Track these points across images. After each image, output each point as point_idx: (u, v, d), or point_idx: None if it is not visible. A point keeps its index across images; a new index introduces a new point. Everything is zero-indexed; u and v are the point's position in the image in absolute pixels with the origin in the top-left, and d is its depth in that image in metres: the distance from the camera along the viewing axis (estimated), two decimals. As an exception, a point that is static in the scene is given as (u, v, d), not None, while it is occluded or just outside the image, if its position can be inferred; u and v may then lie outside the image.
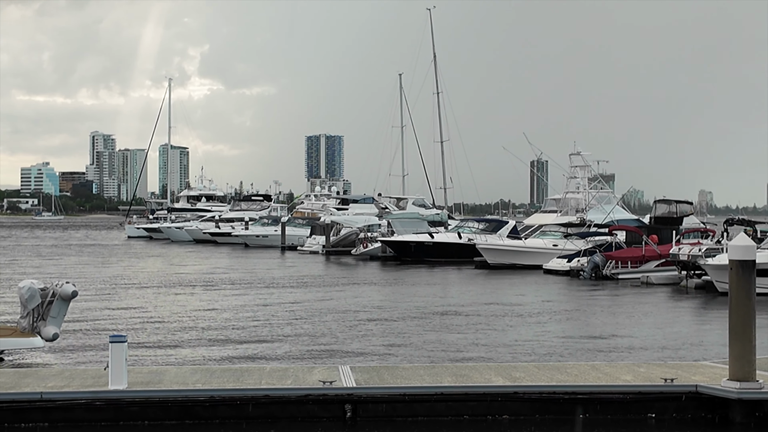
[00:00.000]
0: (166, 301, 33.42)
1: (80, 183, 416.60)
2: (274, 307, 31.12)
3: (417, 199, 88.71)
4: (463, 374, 14.53)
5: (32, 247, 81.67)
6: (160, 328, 25.50)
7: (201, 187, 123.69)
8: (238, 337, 23.68)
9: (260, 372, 14.59)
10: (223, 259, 62.93)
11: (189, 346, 22.17)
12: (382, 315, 28.95)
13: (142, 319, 27.58)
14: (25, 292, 18.50)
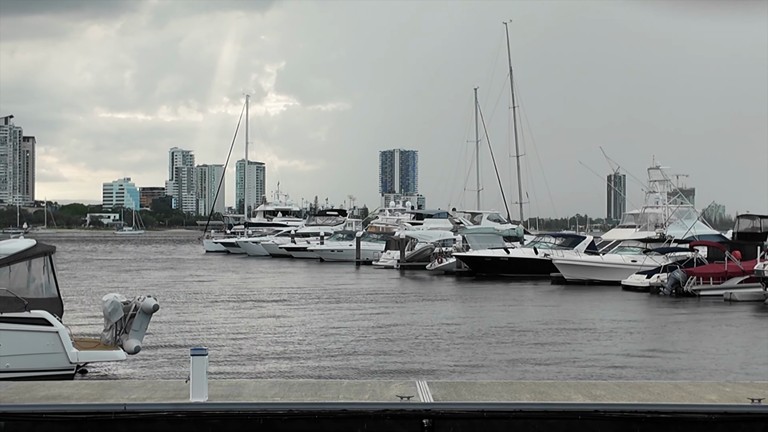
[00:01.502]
0: (244, 314, 33.83)
1: (160, 198, 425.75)
2: (350, 322, 31.22)
3: (492, 213, 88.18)
4: (542, 391, 14.33)
5: (114, 261, 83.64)
6: (239, 341, 25.81)
7: (277, 202, 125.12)
8: (315, 351, 23.81)
9: (338, 386, 14.62)
10: (298, 274, 63.49)
11: (267, 360, 22.39)
12: (458, 331, 28.79)
13: (220, 332, 27.97)
14: (108, 305, 18.91)
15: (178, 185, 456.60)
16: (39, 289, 18.86)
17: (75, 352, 18.01)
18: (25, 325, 17.66)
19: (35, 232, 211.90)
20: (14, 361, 17.44)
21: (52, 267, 19.23)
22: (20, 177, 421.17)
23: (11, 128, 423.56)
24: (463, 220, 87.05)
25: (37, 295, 18.64)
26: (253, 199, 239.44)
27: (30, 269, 18.80)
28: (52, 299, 18.86)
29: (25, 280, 18.67)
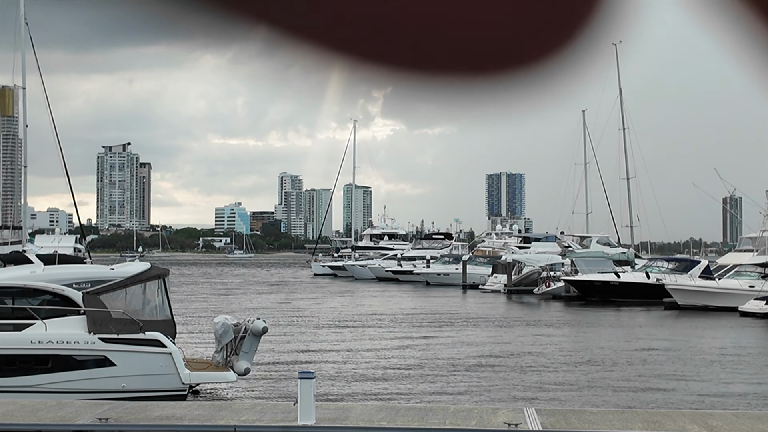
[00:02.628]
0: (351, 337, 34.02)
1: (269, 222, 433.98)
2: (457, 346, 31.00)
3: (601, 237, 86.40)
4: (655, 420, 13.88)
5: (225, 284, 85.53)
6: (346, 364, 25.94)
7: (383, 225, 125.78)
8: (421, 375, 23.72)
9: (444, 412, 14.50)
10: (404, 297, 63.54)
11: (373, 383, 22.41)
12: (568, 356, 28.24)
13: (328, 355, 28.18)
14: (219, 327, 19.30)
15: (287, 209, 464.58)
16: (153, 311, 19.40)
17: (187, 373, 18.41)
18: (140, 347, 18.17)
19: (151, 256, 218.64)
20: (130, 381, 17.95)
21: (166, 289, 19.76)
22: (137, 202, 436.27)
23: (129, 155, 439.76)
24: (572, 244, 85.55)
25: (152, 316, 19.17)
26: (359, 222, 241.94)
27: (145, 291, 19.36)
28: (165, 321, 19.37)
29: (140, 302, 19.23)
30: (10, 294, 18.68)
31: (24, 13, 44.81)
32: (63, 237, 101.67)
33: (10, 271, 21.38)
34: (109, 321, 18.19)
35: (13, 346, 17.57)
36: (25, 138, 47.07)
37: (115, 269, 20.10)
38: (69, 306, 18.28)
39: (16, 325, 17.93)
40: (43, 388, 17.41)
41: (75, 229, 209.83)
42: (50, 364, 17.68)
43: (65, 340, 17.76)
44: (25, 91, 45.72)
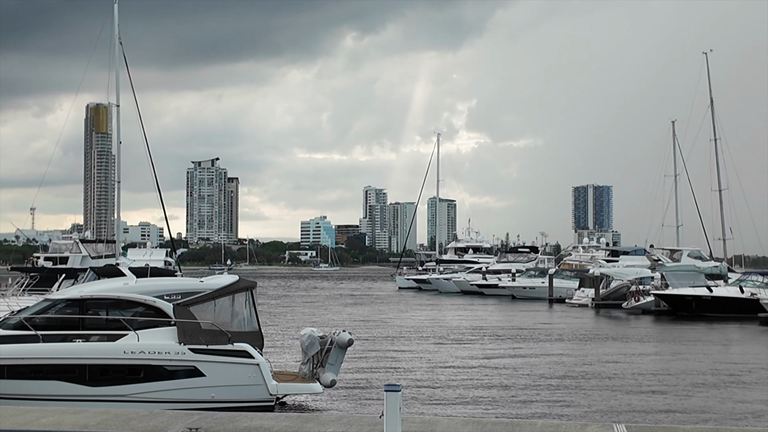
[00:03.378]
0: (435, 351, 33.90)
1: (354, 235, 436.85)
2: (543, 360, 30.60)
3: (693, 250, 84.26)
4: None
5: (310, 297, 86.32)
6: (432, 377, 25.85)
7: (468, 239, 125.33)
8: (508, 389, 23.47)
9: (531, 427, 14.29)
10: (490, 311, 63.07)
11: (459, 397, 22.27)
12: (657, 373, 27.59)
13: (413, 368, 28.12)
14: (305, 339, 19.48)
15: (371, 223, 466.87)
16: (241, 323, 19.68)
17: (275, 384, 18.61)
18: (229, 357, 18.45)
19: (238, 269, 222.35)
20: (218, 391, 18.24)
21: (253, 301, 20.04)
22: (225, 216, 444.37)
23: (217, 170, 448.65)
24: (662, 257, 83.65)
25: (240, 328, 19.45)
26: (444, 236, 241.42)
27: (233, 303, 19.67)
28: (253, 333, 19.63)
29: (228, 314, 19.54)
30: (104, 305, 19.20)
31: (118, 33, 46.17)
32: (154, 250, 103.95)
33: (104, 283, 22.02)
34: (199, 332, 18.53)
35: (107, 356, 18.04)
36: (118, 154, 48.36)
37: (205, 282, 20.46)
38: (160, 317, 18.69)
39: (110, 336, 18.41)
40: (135, 397, 17.82)
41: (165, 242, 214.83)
42: (142, 374, 18.09)
43: (157, 350, 18.15)
44: (119, 108, 47.04)
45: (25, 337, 18.18)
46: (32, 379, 17.78)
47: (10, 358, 17.77)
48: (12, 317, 19.31)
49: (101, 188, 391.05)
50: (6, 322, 19.00)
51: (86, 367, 17.94)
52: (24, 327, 18.42)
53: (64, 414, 14.48)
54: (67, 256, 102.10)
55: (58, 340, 18.25)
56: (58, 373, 17.86)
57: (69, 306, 19.12)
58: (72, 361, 17.94)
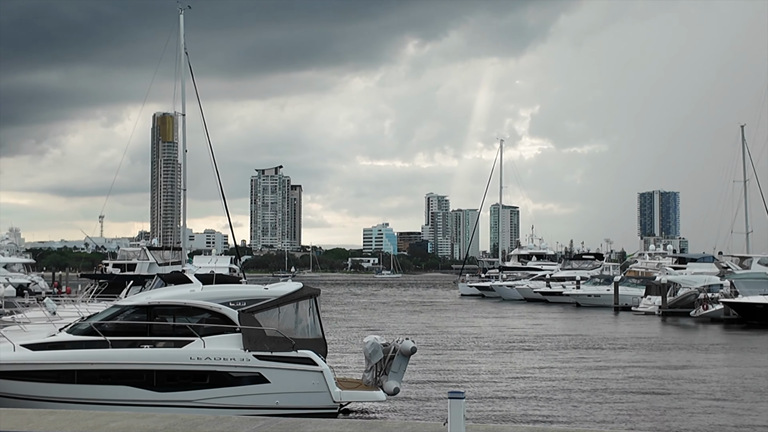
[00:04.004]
0: (499, 359, 33.67)
1: (416, 242, 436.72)
2: (609, 369, 30.16)
3: (763, 258, 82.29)
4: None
5: (373, 304, 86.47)
6: (495, 385, 25.68)
7: (531, 246, 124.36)
8: (571, 398, 23.19)
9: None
10: (554, 319, 62.41)
11: (523, 405, 22.07)
12: (727, 383, 26.98)
13: (476, 375, 27.98)
14: (368, 347, 19.51)
15: (433, 230, 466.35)
16: (305, 330, 19.80)
17: (338, 391, 18.69)
18: (293, 364, 18.58)
19: (301, 276, 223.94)
20: (283, 398, 18.37)
21: (317, 309, 20.16)
22: (288, 223, 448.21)
23: (281, 178, 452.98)
24: (731, 265, 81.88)
25: (304, 335, 19.57)
26: (507, 243, 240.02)
27: (297, 311, 19.81)
28: (317, 340, 19.73)
29: (292, 321, 19.68)
30: (171, 312, 19.50)
31: (184, 44, 46.98)
32: (219, 257, 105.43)
33: (171, 290, 22.35)
34: (264, 339, 18.69)
35: (174, 362, 18.31)
36: (184, 163, 49.14)
37: (269, 289, 20.64)
38: (225, 324, 18.90)
39: (176, 342, 18.67)
40: (201, 402, 18.05)
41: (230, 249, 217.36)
42: (208, 380, 18.31)
43: (222, 357, 18.36)
44: (185, 118, 47.82)
45: (95, 343, 18.55)
46: (102, 383, 18.13)
47: (81, 363, 18.15)
48: (82, 323, 19.72)
49: (167, 196, 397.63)
50: (77, 327, 19.41)
51: (154, 372, 18.23)
52: (94, 333, 18.80)
53: (132, 418, 14.74)
54: (134, 263, 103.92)
55: (126, 346, 18.58)
56: (127, 378, 18.18)
57: (137, 312, 19.46)
58: (140, 367, 18.25)
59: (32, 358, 18.28)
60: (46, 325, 23.22)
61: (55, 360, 18.26)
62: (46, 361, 18.24)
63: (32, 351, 18.45)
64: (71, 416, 15.15)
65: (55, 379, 18.14)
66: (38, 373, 18.14)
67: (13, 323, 25.20)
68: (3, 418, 14.84)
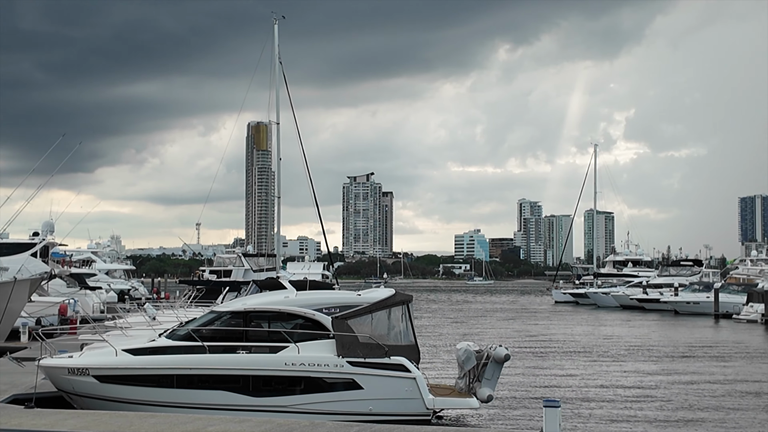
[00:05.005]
0: (594, 367, 33.08)
1: (508, 249, 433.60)
2: (708, 381, 29.32)
3: None
4: None
5: (465, 311, 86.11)
6: (590, 394, 25.24)
7: (627, 252, 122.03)
8: (671, 411, 22.62)
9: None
10: (651, 327, 61.03)
11: (619, 415, 21.63)
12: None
13: (571, 384, 27.55)
14: (461, 354, 19.40)
15: (526, 236, 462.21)
16: (398, 336, 19.82)
17: (431, 398, 18.63)
18: (386, 371, 18.61)
19: (393, 282, 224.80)
20: (376, 404, 18.42)
21: (409, 315, 20.16)
22: (380, 230, 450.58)
23: (372, 185, 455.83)
24: (838, 271, 78.81)
25: (396, 341, 19.59)
26: (601, 249, 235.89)
27: (390, 317, 19.85)
28: (409, 346, 19.73)
29: (385, 327, 19.72)
30: (266, 318, 19.77)
31: (278, 54, 47.76)
32: (312, 264, 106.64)
33: (266, 296, 22.66)
34: (357, 345, 18.79)
35: (269, 368, 18.55)
36: (278, 170, 49.88)
37: (362, 295, 20.74)
38: (319, 330, 19.07)
39: (271, 348, 18.93)
40: (295, 408, 18.24)
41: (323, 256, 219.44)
42: (302, 386, 18.49)
43: (316, 362, 18.53)
44: (279, 126, 48.56)
45: (192, 348, 18.94)
46: (199, 388, 18.50)
47: (180, 368, 18.57)
48: (180, 328, 20.17)
49: (262, 203, 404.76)
50: (175, 333, 19.86)
51: (250, 377, 18.51)
52: (191, 338, 19.20)
53: (229, 423, 15.00)
54: (230, 269, 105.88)
55: (222, 351, 18.92)
56: (224, 383, 18.50)
57: (233, 318, 19.79)
58: (237, 372, 18.55)
59: (133, 362, 18.78)
60: (146, 330, 23.87)
61: (155, 365, 18.72)
62: (147, 365, 18.71)
63: (133, 356, 18.96)
64: (171, 419, 15.52)
65: (155, 383, 18.58)
66: (139, 378, 18.62)
67: (115, 328, 26.00)
68: (106, 420, 15.31)
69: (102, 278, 75.37)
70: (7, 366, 22.50)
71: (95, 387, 18.60)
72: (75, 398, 18.89)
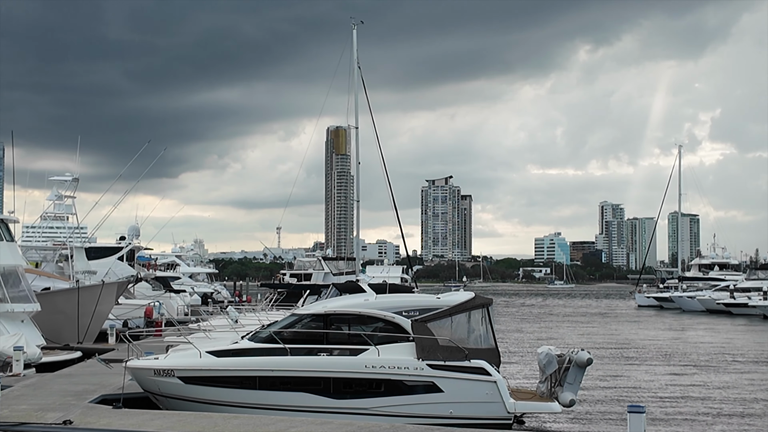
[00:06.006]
0: (679, 373, 32.37)
1: (590, 252, 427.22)
2: (801, 386, 28.39)
3: None
4: None
5: (546, 314, 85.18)
6: (675, 401, 24.71)
7: (713, 255, 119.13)
8: (758, 419, 21.96)
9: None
10: (739, 332, 59.41)
11: (705, 423, 21.10)
12: None
13: (655, 390, 27.01)
14: (543, 357, 19.20)
15: (608, 239, 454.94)
16: (478, 340, 19.71)
17: (512, 402, 18.47)
18: (466, 374, 18.52)
19: (472, 285, 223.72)
20: (456, 408, 18.34)
21: (489, 319, 20.03)
22: (459, 233, 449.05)
23: (451, 188, 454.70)
24: None
25: (476, 345, 19.48)
26: (686, 252, 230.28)
27: (470, 320, 19.75)
28: (490, 350, 19.60)
29: (465, 330, 19.63)
30: (346, 321, 19.89)
31: (357, 59, 48.09)
32: (391, 267, 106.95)
33: (346, 299, 22.83)
34: (437, 348, 18.75)
35: (350, 370, 18.64)
36: (357, 174, 50.18)
37: (441, 298, 20.70)
38: (399, 333, 19.09)
39: (351, 350, 19.02)
40: (375, 411, 18.28)
41: (402, 259, 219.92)
42: (383, 389, 18.53)
43: (396, 365, 18.54)
44: (358, 130, 48.86)
45: (274, 350, 19.16)
46: (281, 390, 18.69)
47: (262, 370, 18.80)
48: (262, 331, 20.43)
49: (341, 207, 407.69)
50: (257, 335, 20.13)
51: (331, 380, 18.63)
52: (273, 340, 19.43)
53: (311, 425, 15.13)
54: (310, 272, 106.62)
55: (303, 354, 19.09)
56: (305, 385, 18.66)
57: (314, 321, 19.97)
58: (318, 374, 18.69)
59: (217, 364, 19.09)
60: (229, 333, 24.25)
61: (237, 366, 19.00)
62: (230, 367, 19.00)
63: (217, 357, 19.27)
64: (254, 421, 15.74)
65: (238, 384, 18.85)
66: (222, 379, 18.92)
67: (199, 330, 26.49)
68: (191, 421, 15.60)
69: (186, 281, 76.89)
70: (96, 367, 23.14)
71: (180, 388, 18.97)
72: (161, 399, 19.29)
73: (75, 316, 33.97)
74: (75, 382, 21.38)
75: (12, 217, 34.61)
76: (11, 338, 24.49)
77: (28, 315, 30.49)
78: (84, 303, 34.11)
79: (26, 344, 24.21)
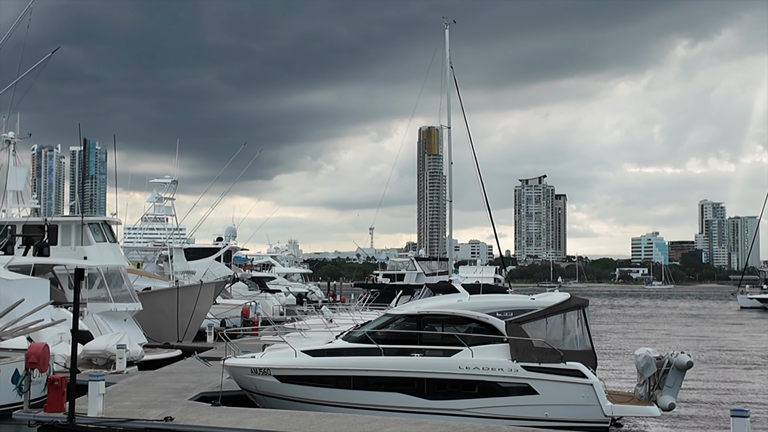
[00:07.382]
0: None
1: (689, 252, 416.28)
2: None
3: None
4: None
5: (644, 316, 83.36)
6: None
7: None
8: None
9: None
10: None
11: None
12: None
13: (759, 394, 26.14)
14: (641, 360, 18.79)
15: (708, 238, 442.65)
16: (573, 341, 19.41)
17: (609, 405, 18.14)
18: (562, 376, 18.26)
19: (567, 286, 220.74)
20: (552, 410, 18.11)
21: (585, 320, 19.69)
22: (552, 233, 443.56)
23: (544, 187, 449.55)
24: None
25: (572, 347, 19.19)
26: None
27: (565, 322, 19.47)
28: (586, 352, 19.28)
29: (560, 332, 19.36)
30: (439, 321, 19.85)
31: (449, 58, 48.01)
32: (484, 268, 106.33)
33: (439, 299, 22.79)
34: (531, 350, 18.55)
35: (444, 371, 18.61)
36: (450, 174, 50.10)
37: (536, 299, 20.47)
38: (493, 334, 18.95)
39: (444, 351, 18.98)
40: (469, 412, 18.19)
41: (495, 260, 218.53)
42: (477, 390, 18.42)
43: (491, 366, 18.42)
44: (450, 130, 48.76)
45: (368, 350, 19.27)
46: (375, 390, 18.77)
47: (357, 370, 18.93)
48: (356, 331, 20.57)
49: (433, 208, 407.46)
50: (351, 335, 20.27)
51: (424, 380, 18.62)
52: (367, 340, 19.54)
53: (405, 425, 15.17)
54: (403, 273, 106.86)
55: (397, 354, 19.14)
56: (399, 385, 18.70)
57: (407, 321, 19.99)
58: (411, 375, 18.70)
59: (312, 363, 19.30)
60: (323, 332, 24.51)
61: (332, 366, 19.16)
62: (325, 366, 19.18)
63: (312, 357, 19.48)
64: (349, 420, 15.87)
65: (333, 384, 19.02)
66: (317, 378, 19.12)
67: (294, 330, 26.84)
68: (287, 419, 15.83)
69: (281, 281, 78.03)
70: (195, 365, 23.71)
71: (276, 386, 19.26)
72: (258, 397, 19.62)
73: (175, 315, 34.85)
74: (175, 380, 21.92)
75: (115, 218, 35.75)
76: (114, 337, 25.25)
77: (131, 314, 31.41)
78: (183, 302, 34.95)
79: (129, 342, 24.92)
